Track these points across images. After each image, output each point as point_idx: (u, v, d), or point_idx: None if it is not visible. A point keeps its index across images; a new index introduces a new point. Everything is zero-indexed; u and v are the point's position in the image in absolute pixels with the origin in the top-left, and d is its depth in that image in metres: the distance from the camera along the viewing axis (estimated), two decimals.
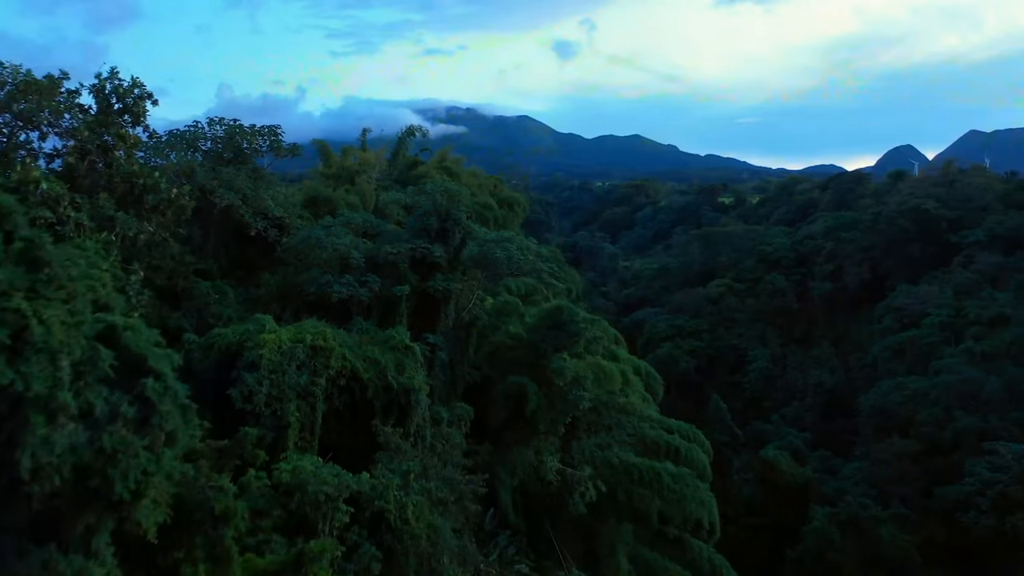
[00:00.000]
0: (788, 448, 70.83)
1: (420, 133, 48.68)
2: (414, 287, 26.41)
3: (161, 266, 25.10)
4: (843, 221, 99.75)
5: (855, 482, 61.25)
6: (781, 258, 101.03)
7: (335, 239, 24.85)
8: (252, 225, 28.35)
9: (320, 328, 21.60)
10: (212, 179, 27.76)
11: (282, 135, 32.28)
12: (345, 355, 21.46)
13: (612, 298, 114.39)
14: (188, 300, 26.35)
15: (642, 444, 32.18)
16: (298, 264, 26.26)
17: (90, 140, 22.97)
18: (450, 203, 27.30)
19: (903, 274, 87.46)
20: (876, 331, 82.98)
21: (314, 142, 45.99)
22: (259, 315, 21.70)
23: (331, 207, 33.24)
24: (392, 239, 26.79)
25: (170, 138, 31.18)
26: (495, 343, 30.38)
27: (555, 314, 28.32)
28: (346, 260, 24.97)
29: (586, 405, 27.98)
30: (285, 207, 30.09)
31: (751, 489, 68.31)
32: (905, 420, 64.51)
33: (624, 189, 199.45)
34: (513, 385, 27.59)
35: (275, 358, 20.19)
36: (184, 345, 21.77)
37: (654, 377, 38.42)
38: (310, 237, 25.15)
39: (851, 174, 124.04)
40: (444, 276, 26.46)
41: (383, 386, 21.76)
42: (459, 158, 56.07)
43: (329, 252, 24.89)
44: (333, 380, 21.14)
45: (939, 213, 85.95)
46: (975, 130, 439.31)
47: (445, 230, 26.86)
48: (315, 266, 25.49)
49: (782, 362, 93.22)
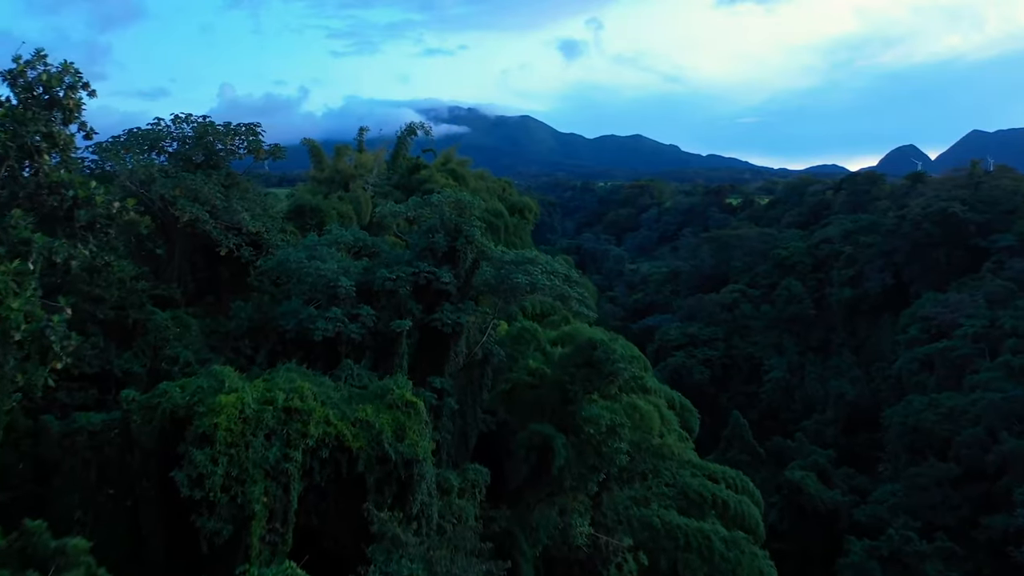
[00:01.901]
0: (813, 467, 65.83)
1: (423, 131, 43.40)
2: (417, 320, 21.37)
3: (105, 297, 20.07)
4: (861, 224, 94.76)
5: (890, 508, 56.23)
6: (797, 262, 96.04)
7: (319, 263, 19.79)
8: (222, 243, 23.32)
9: (296, 383, 16.60)
10: (173, 188, 22.71)
11: (262, 134, 27.18)
12: (329, 418, 16.45)
13: (620, 303, 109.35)
14: (142, 335, 21.35)
15: (684, 497, 27.17)
16: (275, 292, 21.20)
17: (10, 140, 17.96)
18: (461, 217, 22.24)
19: (928, 281, 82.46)
20: (901, 341, 77.95)
21: (304, 142, 40.84)
22: (216, 367, 16.62)
23: (320, 218, 28.19)
24: (391, 261, 21.72)
25: (129, 138, 26.17)
26: (512, 381, 25.36)
27: (587, 350, 23.28)
28: (333, 289, 19.92)
29: (623, 461, 22.93)
30: (264, 220, 25.01)
31: (775, 512, 63.21)
32: (941, 440, 59.71)
33: (628, 190, 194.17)
34: (536, 436, 22.55)
35: (235, 427, 15.18)
36: (122, 404, 16.78)
37: (689, 410, 33.41)
38: (288, 261, 20.09)
39: (865, 175, 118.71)
40: (453, 307, 21.41)
41: (378, 457, 16.75)
42: (465, 160, 50.92)
43: (312, 279, 19.83)
44: (313, 452, 16.14)
45: (966, 216, 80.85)
46: (977, 130, 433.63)
47: (455, 250, 21.79)
48: (295, 295, 20.43)
49: (800, 372, 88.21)
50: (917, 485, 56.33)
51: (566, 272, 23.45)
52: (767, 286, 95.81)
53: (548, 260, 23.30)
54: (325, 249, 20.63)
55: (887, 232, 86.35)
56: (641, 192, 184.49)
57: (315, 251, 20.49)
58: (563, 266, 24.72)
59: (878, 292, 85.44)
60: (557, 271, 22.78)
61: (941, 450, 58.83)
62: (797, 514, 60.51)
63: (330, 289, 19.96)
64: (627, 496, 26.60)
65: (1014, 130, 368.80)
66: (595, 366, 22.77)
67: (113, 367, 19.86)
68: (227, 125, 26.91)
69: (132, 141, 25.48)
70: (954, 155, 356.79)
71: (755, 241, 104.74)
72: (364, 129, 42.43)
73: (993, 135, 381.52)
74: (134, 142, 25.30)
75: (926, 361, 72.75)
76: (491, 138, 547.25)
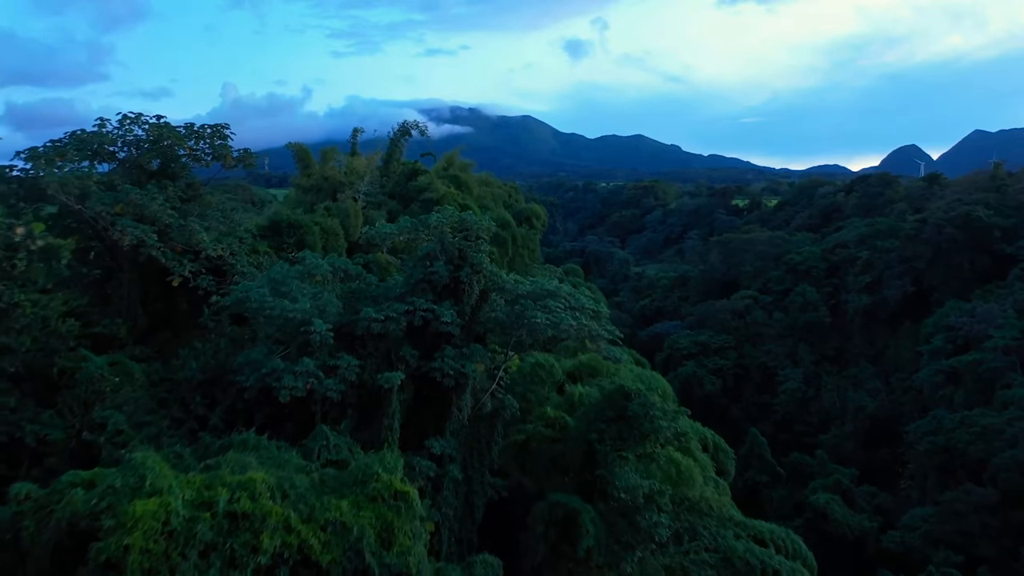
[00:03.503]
0: (836, 488, 61.42)
1: (418, 131, 38.62)
2: (412, 370, 16.98)
3: (12, 346, 15.69)
4: (878, 228, 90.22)
5: (923, 535, 51.86)
6: (811, 268, 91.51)
7: (285, 303, 15.38)
8: (174, 270, 18.95)
9: (248, 473, 12.28)
10: (113, 204, 18.32)
11: (231, 137, 22.79)
12: (289, 522, 12.12)
13: (627, 309, 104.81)
14: (69, 389, 16.99)
15: (728, 564, 22.72)
16: (235, 335, 16.82)
17: None
18: (466, 240, 17.85)
19: (951, 288, 77.97)
20: (924, 352, 73.46)
21: (288, 146, 36.21)
22: (138, 455, 12.17)
23: (300, 236, 23.77)
24: (379, 296, 17.33)
25: (71, 142, 21.76)
26: (526, 433, 20.96)
27: (618, 401, 18.88)
28: (305, 335, 15.53)
29: (664, 535, 18.55)
30: (230, 241, 20.64)
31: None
32: (975, 462, 55.36)
33: (631, 190, 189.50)
34: (558, 508, 18.18)
35: (155, 547, 10.84)
36: (10, 502, 12.41)
37: (723, 450, 29.04)
38: (248, 299, 15.69)
39: (878, 176, 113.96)
40: (457, 352, 17.01)
41: (357, 572, 12.45)
42: (467, 163, 46.27)
43: (279, 322, 15.44)
44: (267, 571, 11.84)
45: (991, 221, 76.33)
46: (980, 130, 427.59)
47: (458, 282, 17.40)
48: (260, 339, 16.05)
49: (816, 382, 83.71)
50: (953, 511, 51.89)
51: (593, 306, 19.02)
52: (780, 292, 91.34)
53: (571, 292, 18.86)
54: (295, 283, 16.21)
55: (907, 237, 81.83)
56: (645, 193, 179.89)
57: (283, 285, 16.08)
58: (589, 298, 20.28)
59: (898, 299, 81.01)
60: (583, 305, 18.34)
61: (975, 472, 54.46)
62: (821, 540, 55.94)
63: (301, 335, 15.55)
64: (661, 565, 22.17)
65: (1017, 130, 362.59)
66: (629, 422, 18.37)
67: (25, 433, 15.49)
68: (189, 127, 22.51)
69: (73, 146, 21.06)
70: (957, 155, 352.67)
71: (766, 245, 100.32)
72: (358, 130, 37.76)
73: (996, 135, 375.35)
74: (74, 147, 20.87)
75: (952, 374, 68.28)
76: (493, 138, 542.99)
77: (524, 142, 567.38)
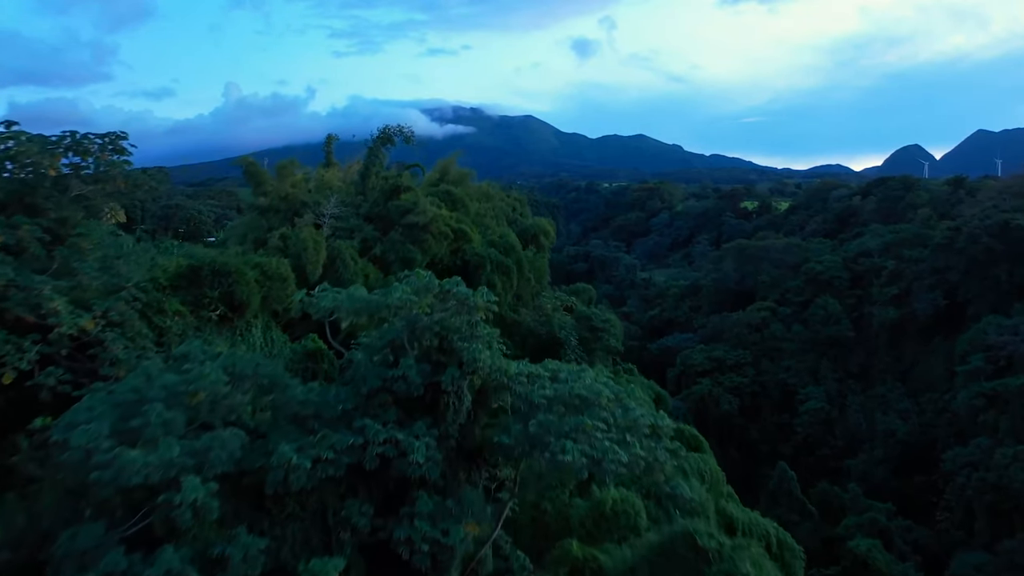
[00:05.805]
0: (872, 527, 54.71)
1: (403, 137, 31.13)
2: (360, 538, 10.12)
3: None
4: (904, 236, 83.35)
5: None
6: (832, 278, 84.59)
7: (131, 455, 8.54)
8: (7, 360, 12.13)
9: None
10: None
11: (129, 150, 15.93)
12: None
13: (635, 320, 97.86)
14: None
15: None
16: (73, 488, 9.97)
17: None
18: (455, 320, 10.95)
19: (988, 301, 71.02)
20: (960, 372, 66.58)
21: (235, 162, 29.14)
22: None
23: (229, 288, 16.84)
24: (309, 417, 10.46)
25: None
26: None
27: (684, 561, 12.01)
28: (166, 506, 8.66)
29: None
30: (112, 303, 13.82)
31: None
32: None
33: (635, 192, 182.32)
34: None
35: None
36: None
37: (790, 549, 22.19)
38: (75, 444, 8.85)
39: (899, 179, 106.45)
40: (436, 506, 10.16)
41: None
42: (465, 172, 39.14)
43: (119, 485, 8.58)
44: None
45: None
46: (983, 129, 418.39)
47: (439, 392, 10.54)
48: (92, 509, 9.20)
49: (839, 401, 76.92)
50: (1012, 563, 45.22)
51: (652, 420, 12.05)
52: (799, 304, 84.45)
53: (615, 395, 11.84)
54: (161, 409, 9.37)
55: (938, 246, 74.88)
56: (650, 195, 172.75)
57: (136, 414, 9.25)
58: (644, 404, 13.35)
59: (929, 313, 74.09)
60: (636, 420, 11.44)
61: None
62: None
63: (160, 508, 8.70)
64: None
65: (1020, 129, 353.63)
66: None
67: None
68: (72, 135, 15.71)
69: None
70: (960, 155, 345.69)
71: (782, 252, 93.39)
72: (332, 137, 30.84)
73: (999, 135, 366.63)
74: None
75: (994, 398, 61.29)
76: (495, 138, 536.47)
77: (526, 142, 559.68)
